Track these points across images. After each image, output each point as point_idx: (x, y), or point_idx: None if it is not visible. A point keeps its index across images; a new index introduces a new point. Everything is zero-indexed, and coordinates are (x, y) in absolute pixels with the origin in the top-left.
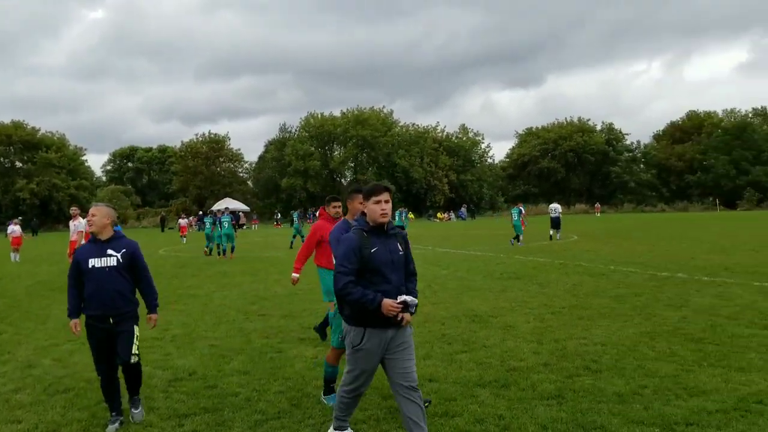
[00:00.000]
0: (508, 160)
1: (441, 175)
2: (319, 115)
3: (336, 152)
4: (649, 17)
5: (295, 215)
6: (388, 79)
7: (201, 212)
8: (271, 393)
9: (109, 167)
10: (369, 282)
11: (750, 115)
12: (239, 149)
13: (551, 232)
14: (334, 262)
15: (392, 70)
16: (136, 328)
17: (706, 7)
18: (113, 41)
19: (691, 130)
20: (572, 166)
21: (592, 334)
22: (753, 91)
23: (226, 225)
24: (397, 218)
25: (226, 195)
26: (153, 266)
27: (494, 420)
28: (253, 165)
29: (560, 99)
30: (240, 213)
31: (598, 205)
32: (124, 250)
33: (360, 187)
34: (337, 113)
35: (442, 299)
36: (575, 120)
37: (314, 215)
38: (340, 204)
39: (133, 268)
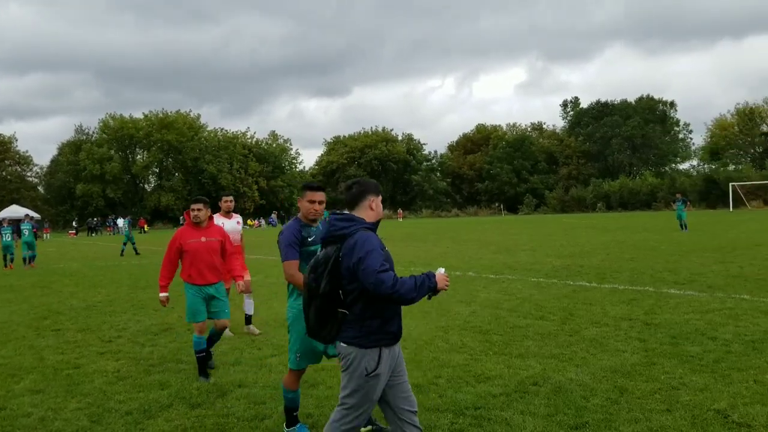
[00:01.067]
0: (317, 167)
1: (251, 182)
2: (119, 117)
3: (139, 156)
4: (443, 37)
5: (125, 222)
6: (196, 83)
7: None
8: (68, 411)
9: None
10: None
11: (529, 129)
12: (27, 152)
13: None
14: (287, 267)
15: (200, 74)
16: None
17: (489, 30)
18: None
19: (480, 142)
20: (377, 174)
21: None
22: (531, 107)
23: (27, 233)
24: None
25: (12, 201)
26: None
27: (302, 419)
28: (44, 169)
29: (365, 109)
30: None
31: (400, 210)
32: None
33: (315, 183)
34: (139, 116)
35: None
36: (379, 130)
37: (114, 223)
38: (201, 207)
39: None
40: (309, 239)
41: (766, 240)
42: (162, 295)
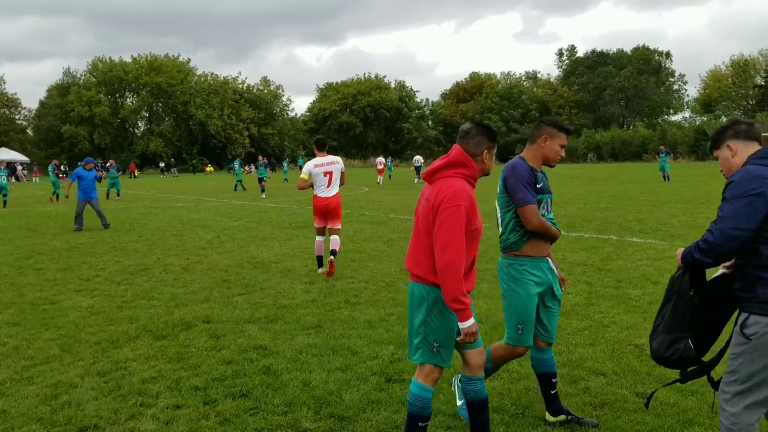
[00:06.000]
0: (309, 114)
1: (242, 128)
2: (108, 60)
3: (129, 100)
4: None
5: (237, 163)
6: (189, 27)
7: None
8: (41, 341)
9: None
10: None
11: (523, 78)
12: (15, 94)
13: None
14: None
15: (193, 18)
16: None
17: None
18: None
19: (473, 90)
20: (369, 122)
21: (359, 273)
22: (527, 56)
23: (3, 179)
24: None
25: (1, 144)
26: None
27: (257, 349)
28: (33, 112)
29: (359, 56)
30: (16, 164)
31: (391, 159)
32: None
33: (567, 125)
34: (129, 59)
35: (228, 249)
36: (373, 77)
37: (105, 168)
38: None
39: None
40: (538, 185)
41: None
42: (468, 324)
